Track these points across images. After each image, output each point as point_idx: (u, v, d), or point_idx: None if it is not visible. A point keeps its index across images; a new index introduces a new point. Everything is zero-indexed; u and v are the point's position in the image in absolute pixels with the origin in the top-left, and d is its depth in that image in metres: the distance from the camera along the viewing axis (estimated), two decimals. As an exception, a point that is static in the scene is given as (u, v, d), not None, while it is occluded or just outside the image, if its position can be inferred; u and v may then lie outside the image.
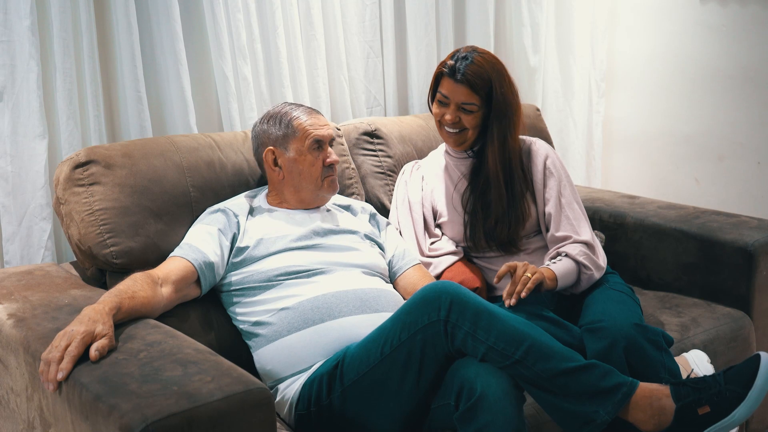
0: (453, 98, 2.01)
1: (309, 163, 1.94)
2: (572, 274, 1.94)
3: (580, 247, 1.97)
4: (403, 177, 2.26)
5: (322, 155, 1.95)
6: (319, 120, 1.98)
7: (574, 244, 1.98)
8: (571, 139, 3.14)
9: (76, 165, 1.87)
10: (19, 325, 1.60)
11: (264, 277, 1.82)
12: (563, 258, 1.95)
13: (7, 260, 2.02)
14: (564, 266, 1.93)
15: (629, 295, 1.95)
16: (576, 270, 1.95)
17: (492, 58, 2.03)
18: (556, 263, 1.93)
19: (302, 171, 1.94)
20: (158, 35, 2.19)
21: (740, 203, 2.89)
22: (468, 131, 2.04)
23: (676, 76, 3.05)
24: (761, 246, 2.16)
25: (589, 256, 1.97)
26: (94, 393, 1.32)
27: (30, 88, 1.98)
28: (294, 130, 1.95)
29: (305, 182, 1.95)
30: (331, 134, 1.98)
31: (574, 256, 1.95)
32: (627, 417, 1.53)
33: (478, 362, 1.54)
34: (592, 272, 1.96)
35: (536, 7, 2.94)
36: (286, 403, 1.71)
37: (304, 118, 1.97)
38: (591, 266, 1.96)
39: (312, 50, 2.48)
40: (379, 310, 1.78)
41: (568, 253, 1.96)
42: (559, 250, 1.99)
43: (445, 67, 2.02)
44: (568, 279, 1.93)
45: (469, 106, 2.00)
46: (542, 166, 2.07)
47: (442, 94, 2.03)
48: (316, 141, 1.94)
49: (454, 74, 2.00)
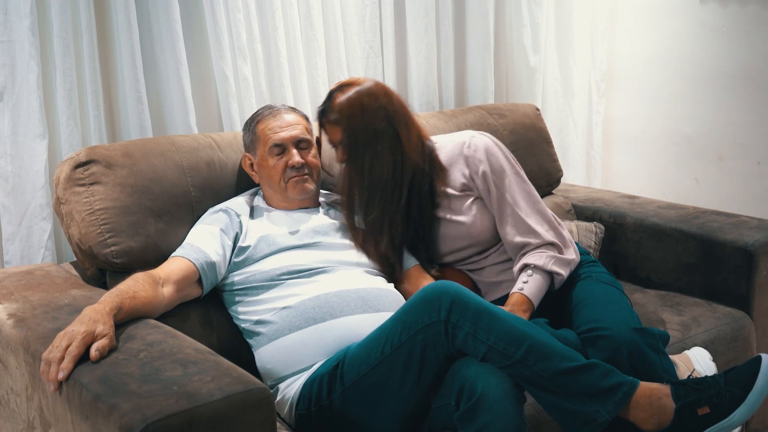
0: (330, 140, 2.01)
1: (271, 166, 1.94)
2: (545, 286, 1.89)
3: (546, 253, 1.90)
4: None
5: (285, 158, 1.94)
6: (282, 122, 1.96)
7: (539, 252, 1.90)
8: (571, 139, 3.14)
9: (76, 165, 1.87)
10: (19, 325, 1.60)
11: (266, 276, 1.82)
12: (532, 273, 1.88)
13: (7, 260, 2.02)
14: (536, 284, 1.87)
15: (616, 288, 1.92)
16: (548, 279, 1.89)
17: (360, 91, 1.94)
18: (527, 282, 1.87)
19: (267, 175, 1.96)
20: (158, 35, 2.19)
21: (740, 203, 2.89)
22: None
23: (676, 76, 3.05)
24: (761, 246, 2.16)
25: (558, 259, 1.90)
26: (94, 393, 1.31)
27: (30, 88, 1.98)
28: (257, 135, 1.97)
29: (273, 185, 1.96)
30: (295, 136, 1.95)
31: (543, 267, 1.88)
32: (627, 416, 1.53)
33: (478, 362, 1.54)
34: (563, 275, 1.90)
35: (536, 7, 2.94)
36: (287, 402, 1.71)
37: (269, 121, 1.97)
38: (561, 270, 1.89)
39: (312, 50, 2.48)
40: (380, 310, 1.78)
41: (536, 265, 1.88)
42: (526, 261, 1.90)
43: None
44: (542, 293, 1.88)
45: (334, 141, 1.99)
46: (477, 169, 1.95)
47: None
48: (275, 145, 1.94)
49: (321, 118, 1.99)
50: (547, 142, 2.67)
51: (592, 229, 2.38)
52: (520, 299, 1.84)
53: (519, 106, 2.72)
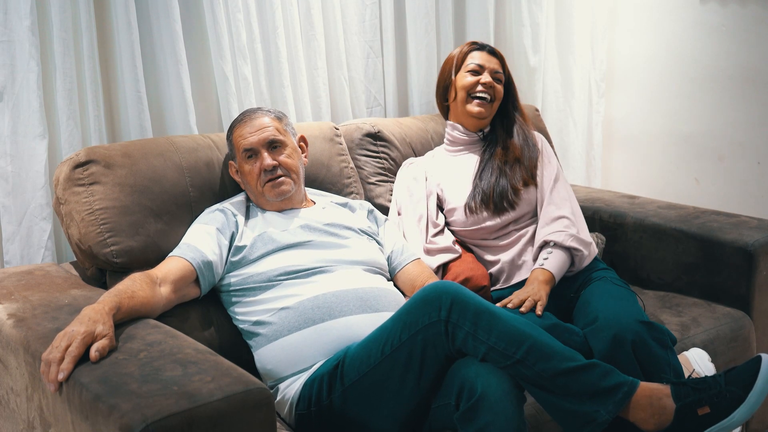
0: (488, 66, 2.22)
1: (247, 172, 1.96)
2: (566, 262, 2.02)
3: (564, 231, 2.03)
4: (403, 171, 2.29)
5: (258, 162, 1.94)
6: (253, 126, 1.96)
7: (558, 232, 2.03)
8: (571, 139, 3.14)
9: (76, 165, 1.87)
10: (19, 325, 1.60)
11: (264, 277, 1.82)
12: (553, 250, 2.01)
13: (7, 260, 2.02)
14: (557, 259, 2.00)
15: (627, 289, 1.95)
16: (569, 257, 2.03)
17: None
18: (548, 259, 2.00)
19: (247, 181, 1.97)
20: (158, 35, 2.19)
21: (740, 203, 2.89)
22: (494, 103, 2.22)
23: (676, 76, 3.05)
24: (761, 246, 2.16)
25: (576, 237, 2.03)
26: (94, 393, 1.31)
27: (30, 88, 1.98)
28: (233, 143, 1.99)
29: (252, 190, 1.97)
30: (263, 138, 1.94)
31: (562, 243, 2.01)
32: (627, 416, 1.53)
33: (478, 362, 1.54)
34: (583, 252, 2.03)
35: (536, 7, 2.94)
36: (287, 402, 1.71)
37: (240, 127, 1.98)
38: (580, 246, 2.03)
39: (312, 50, 2.48)
40: (380, 310, 1.78)
41: (556, 242, 2.02)
42: (546, 238, 2.03)
43: (474, 45, 2.27)
44: (564, 269, 2.01)
45: (499, 75, 2.23)
46: (538, 153, 2.22)
47: (477, 64, 2.22)
48: (246, 150, 1.95)
49: (484, 48, 2.25)
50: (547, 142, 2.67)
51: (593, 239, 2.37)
52: (542, 273, 1.96)
53: (519, 106, 2.72)
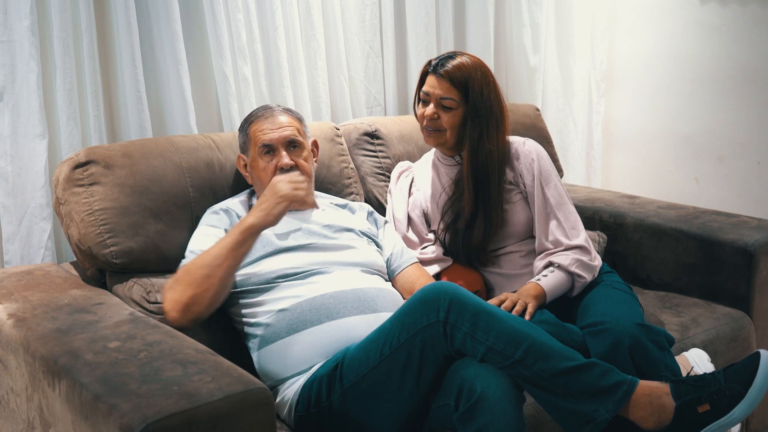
0: (433, 93, 2.01)
1: (261, 168, 1.94)
2: (564, 285, 1.93)
3: (572, 255, 1.95)
4: (393, 183, 2.24)
5: (275, 159, 1.94)
6: (274, 123, 1.95)
7: (566, 253, 1.96)
8: (571, 139, 3.14)
9: (75, 165, 1.87)
10: (19, 325, 1.60)
11: (261, 279, 1.81)
12: (554, 270, 1.94)
13: (7, 260, 2.02)
14: (555, 279, 1.92)
15: (629, 294, 1.95)
16: (569, 280, 1.94)
17: (477, 61, 2.03)
18: (547, 276, 1.92)
19: (258, 176, 1.95)
20: (158, 35, 2.19)
21: (740, 203, 2.89)
22: (446, 132, 2.02)
23: (676, 76, 3.05)
24: (761, 246, 2.16)
25: (582, 263, 1.94)
26: (94, 393, 1.32)
27: (30, 88, 1.98)
28: (249, 136, 1.97)
29: (263, 187, 1.93)
30: (285, 137, 1.94)
31: (567, 267, 1.93)
32: (627, 415, 1.53)
33: (477, 363, 1.54)
34: (586, 279, 1.95)
35: (536, 7, 2.94)
36: (286, 404, 1.71)
37: (261, 122, 1.96)
38: (585, 273, 1.94)
39: (312, 50, 2.48)
40: (378, 311, 1.77)
41: (561, 264, 1.94)
42: (552, 259, 1.96)
43: (429, 65, 2.04)
44: (558, 290, 1.92)
45: (447, 102, 1.99)
46: (530, 167, 2.04)
47: (424, 92, 2.04)
48: (264, 146, 1.93)
49: (436, 70, 2.01)
50: (547, 142, 2.67)
51: (595, 238, 2.38)
52: (534, 288, 1.89)
53: (519, 106, 2.72)
